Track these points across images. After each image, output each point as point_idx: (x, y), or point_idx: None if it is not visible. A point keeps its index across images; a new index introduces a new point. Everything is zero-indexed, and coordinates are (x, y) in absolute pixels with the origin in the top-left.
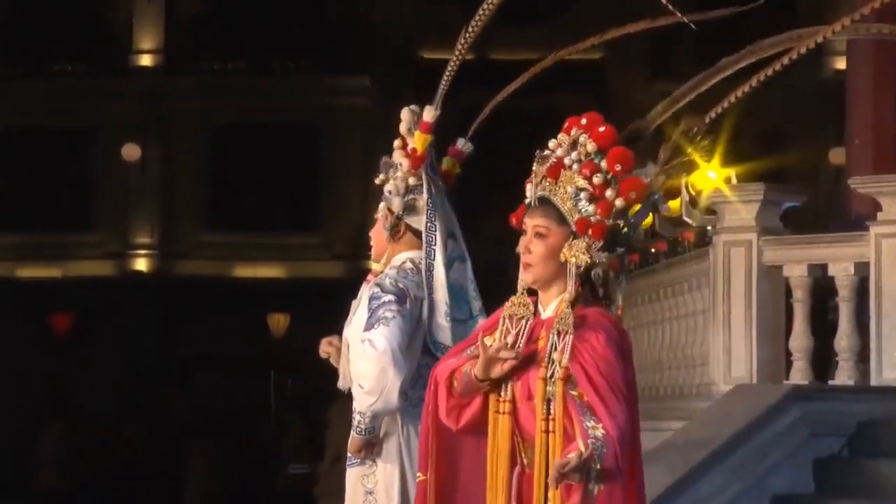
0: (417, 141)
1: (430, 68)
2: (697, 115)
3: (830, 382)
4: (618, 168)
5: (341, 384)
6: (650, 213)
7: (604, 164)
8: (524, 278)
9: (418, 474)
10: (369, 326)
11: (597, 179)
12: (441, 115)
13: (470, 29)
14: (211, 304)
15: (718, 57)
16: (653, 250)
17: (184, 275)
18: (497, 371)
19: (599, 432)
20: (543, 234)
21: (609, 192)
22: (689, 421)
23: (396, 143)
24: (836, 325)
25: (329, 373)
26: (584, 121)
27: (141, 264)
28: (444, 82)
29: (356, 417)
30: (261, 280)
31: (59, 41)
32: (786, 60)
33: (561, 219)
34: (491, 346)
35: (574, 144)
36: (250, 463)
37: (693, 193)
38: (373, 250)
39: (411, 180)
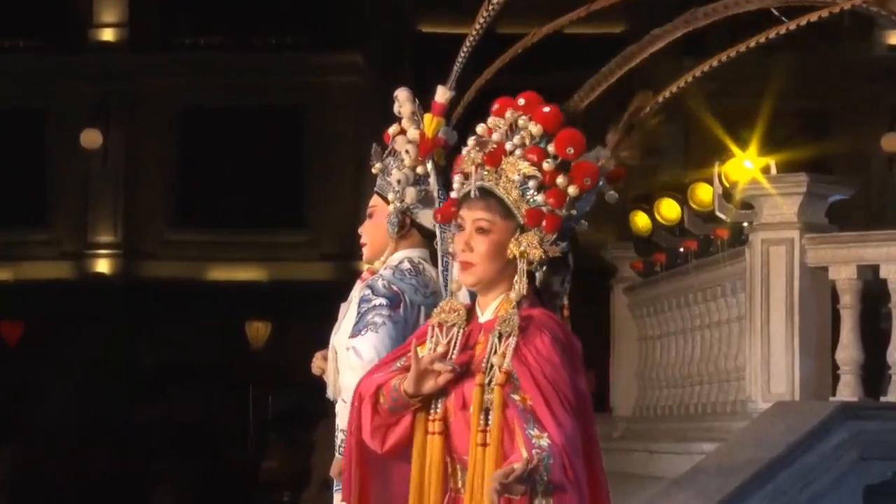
0: (428, 125)
1: (430, 43)
2: (648, 91)
3: (882, 399)
4: (570, 152)
5: (330, 394)
6: (593, 201)
7: (551, 147)
8: (464, 280)
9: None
10: (356, 333)
11: (547, 165)
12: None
13: None
14: (182, 310)
15: (753, 31)
16: (681, 250)
17: (151, 277)
18: (430, 386)
19: (545, 441)
20: (486, 228)
21: (560, 180)
22: (722, 443)
23: (393, 129)
24: (889, 335)
25: (316, 388)
26: (521, 101)
27: (102, 266)
28: (461, 58)
29: (339, 436)
30: (238, 283)
31: (9, 13)
32: (773, 34)
33: (506, 211)
34: (423, 357)
35: (513, 128)
36: (226, 489)
37: (727, 185)
38: (365, 250)
39: (419, 169)
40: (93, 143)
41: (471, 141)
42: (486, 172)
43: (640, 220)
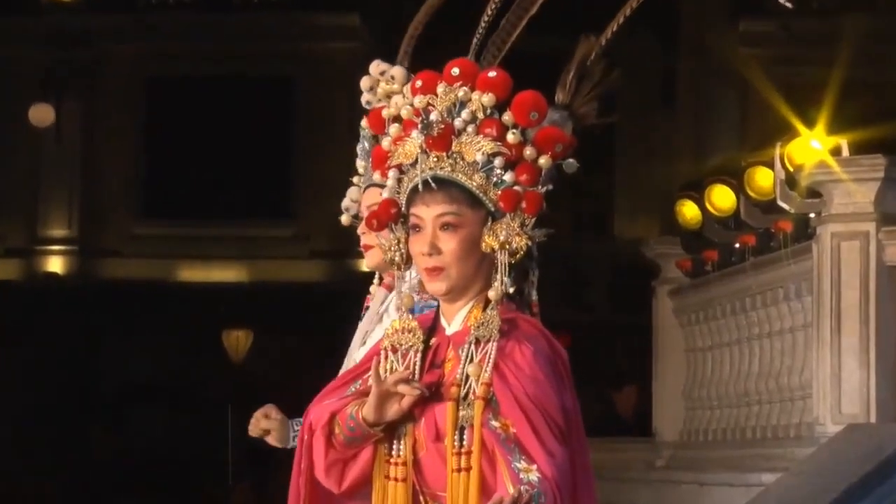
0: None
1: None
2: (591, 37)
3: None
4: (534, 117)
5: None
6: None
7: (508, 117)
8: (435, 289)
9: None
10: None
11: (512, 137)
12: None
13: None
14: (149, 317)
15: None
16: (736, 245)
17: (112, 278)
18: (394, 411)
19: (534, 476)
20: (454, 223)
21: (528, 151)
22: (785, 473)
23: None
24: None
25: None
26: (455, 70)
27: (55, 264)
28: (481, 27)
29: None
30: (215, 285)
31: None
32: None
33: (472, 200)
34: (385, 378)
35: (456, 103)
36: None
37: (790, 169)
38: (373, 255)
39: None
40: (43, 120)
41: (393, 129)
42: (434, 160)
43: (688, 211)
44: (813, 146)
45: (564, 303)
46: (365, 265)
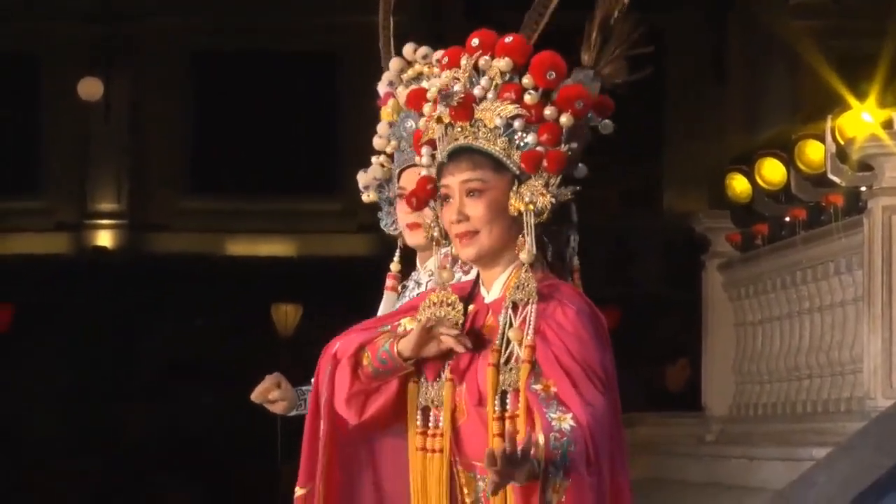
0: None
1: None
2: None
3: None
4: (551, 77)
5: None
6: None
7: (527, 79)
8: (466, 254)
9: (297, 489)
10: None
11: (529, 98)
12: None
13: None
14: (196, 291)
15: None
16: (787, 219)
17: (161, 252)
18: (433, 350)
19: (567, 424)
20: (479, 188)
21: (549, 111)
22: (836, 448)
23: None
24: None
25: None
26: (475, 41)
27: (104, 238)
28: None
29: None
30: (263, 259)
31: None
32: None
33: (496, 164)
34: (427, 318)
35: (477, 71)
36: None
37: (841, 142)
38: (416, 234)
39: None
40: (93, 95)
41: (426, 108)
42: (458, 130)
43: (738, 185)
44: (864, 119)
45: (614, 278)
46: (409, 242)
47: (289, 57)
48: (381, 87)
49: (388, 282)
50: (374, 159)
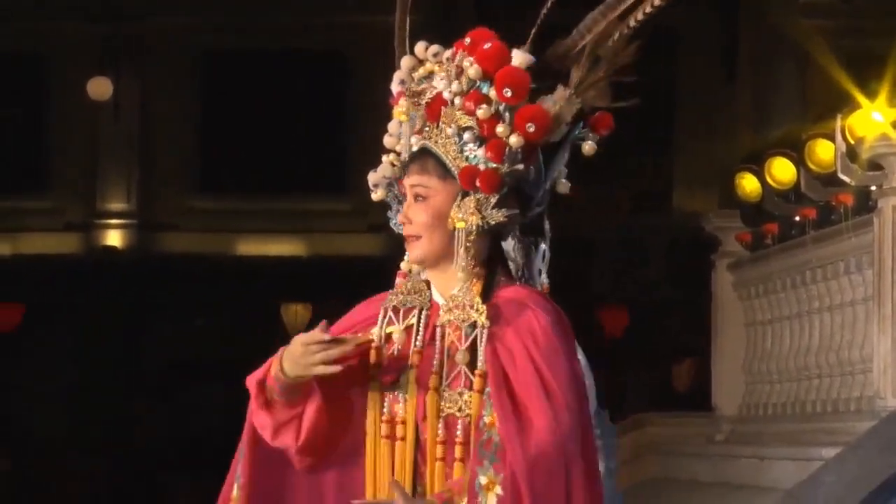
0: None
1: None
2: (619, 18)
3: None
4: (507, 94)
5: None
6: (567, 152)
7: (492, 92)
8: (410, 256)
9: None
10: None
11: (482, 112)
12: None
13: None
14: (206, 291)
15: None
16: (797, 219)
17: (169, 252)
18: (312, 369)
19: (493, 498)
20: (423, 195)
21: (500, 128)
22: (846, 447)
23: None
24: None
25: None
26: (467, 40)
27: (113, 238)
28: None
29: None
30: (273, 259)
31: None
32: None
33: (444, 172)
34: (297, 336)
35: (459, 72)
36: None
37: (851, 142)
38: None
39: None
40: (102, 94)
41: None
42: (427, 129)
43: (748, 184)
44: (874, 118)
45: (623, 277)
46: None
47: (298, 56)
48: (394, 86)
49: (398, 281)
50: (384, 158)
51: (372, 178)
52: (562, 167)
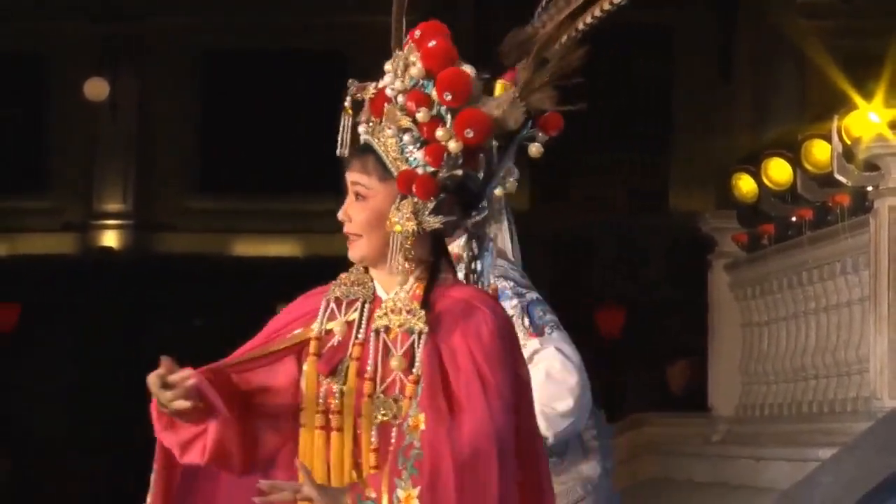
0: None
1: None
2: (568, 19)
3: None
4: (448, 98)
5: None
6: (513, 157)
7: (434, 92)
8: (350, 255)
9: None
10: (539, 331)
11: (421, 116)
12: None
13: None
14: (203, 291)
15: None
16: (793, 219)
17: (167, 253)
18: (170, 406)
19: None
20: (363, 194)
21: (440, 132)
22: (842, 448)
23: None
24: None
25: None
26: (418, 32)
27: (110, 238)
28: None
29: None
30: (271, 259)
31: None
32: None
33: (384, 172)
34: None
35: (405, 68)
36: None
37: (848, 142)
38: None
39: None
40: (99, 95)
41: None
42: (371, 124)
43: (745, 185)
44: (871, 119)
45: (620, 277)
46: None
47: (296, 56)
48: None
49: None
50: None
51: None
52: (510, 166)
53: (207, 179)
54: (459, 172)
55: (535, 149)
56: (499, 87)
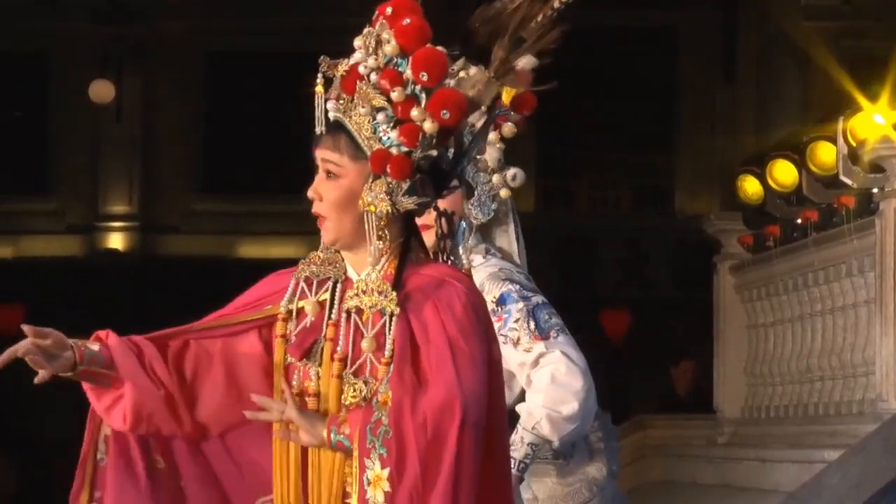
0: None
1: None
2: None
3: None
4: (424, 78)
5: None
6: (487, 135)
7: (408, 71)
8: (323, 238)
9: None
10: (545, 335)
11: (396, 96)
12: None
13: None
14: (208, 293)
15: None
16: (798, 221)
17: (172, 255)
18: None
19: (380, 495)
20: (335, 172)
21: (415, 112)
22: (849, 450)
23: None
24: None
25: None
26: (389, 9)
27: (115, 241)
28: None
29: (524, 451)
30: (275, 261)
31: None
32: None
33: (356, 151)
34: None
35: (377, 45)
36: None
37: (853, 144)
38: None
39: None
40: (104, 97)
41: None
42: (342, 102)
43: (750, 186)
44: (876, 120)
45: (625, 279)
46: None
47: (301, 57)
48: None
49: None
50: None
51: None
52: (481, 144)
53: (212, 181)
54: (434, 153)
55: (507, 128)
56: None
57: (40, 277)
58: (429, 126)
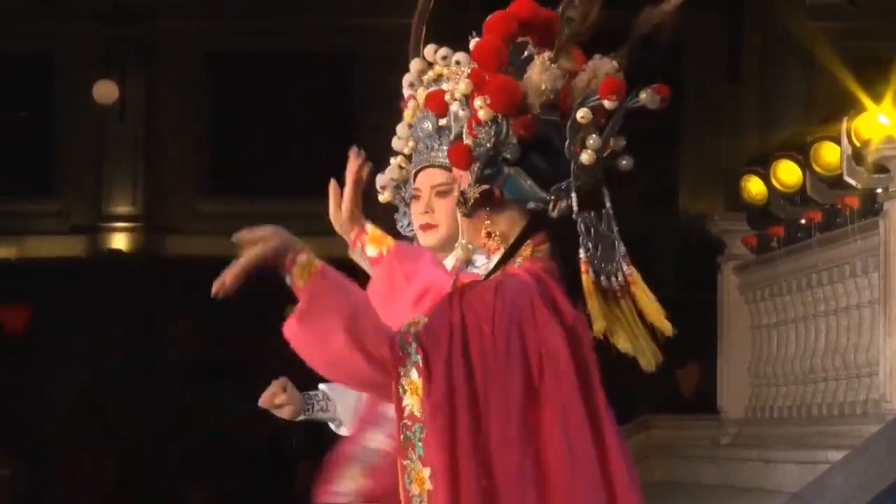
0: None
1: None
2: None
3: None
4: (474, 66)
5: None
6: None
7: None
8: (425, 241)
9: None
10: None
11: (463, 87)
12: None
13: None
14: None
15: None
16: (802, 222)
17: (176, 255)
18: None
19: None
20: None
21: (478, 102)
22: (853, 450)
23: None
24: None
25: None
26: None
27: (119, 241)
28: None
29: None
30: None
31: None
32: None
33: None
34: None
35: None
36: None
37: (857, 144)
38: (429, 235)
39: None
40: (108, 97)
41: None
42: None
43: (754, 187)
44: (880, 121)
45: None
46: (422, 243)
47: (305, 58)
48: (404, 89)
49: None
50: (392, 160)
51: (380, 180)
52: (594, 139)
53: (217, 182)
54: (488, 144)
55: (650, 98)
56: None
57: (44, 278)
58: (484, 114)
